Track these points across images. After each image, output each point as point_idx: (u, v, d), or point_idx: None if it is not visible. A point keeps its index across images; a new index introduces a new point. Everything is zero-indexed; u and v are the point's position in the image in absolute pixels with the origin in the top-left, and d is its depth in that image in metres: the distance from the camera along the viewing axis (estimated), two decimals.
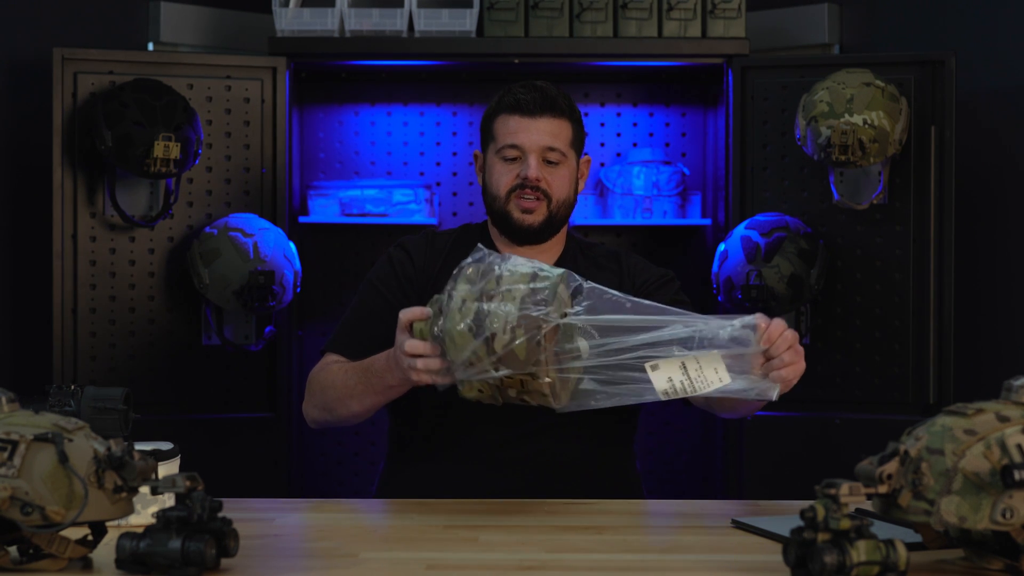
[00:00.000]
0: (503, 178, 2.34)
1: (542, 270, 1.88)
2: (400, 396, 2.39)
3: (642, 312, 1.90)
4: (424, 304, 2.04)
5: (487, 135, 2.40)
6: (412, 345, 1.92)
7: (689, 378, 1.86)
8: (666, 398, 1.87)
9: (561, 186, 2.35)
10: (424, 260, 2.38)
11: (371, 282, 2.39)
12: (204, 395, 3.56)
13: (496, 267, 1.87)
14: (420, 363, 1.91)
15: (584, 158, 2.44)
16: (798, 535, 1.46)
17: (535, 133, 2.33)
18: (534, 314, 1.82)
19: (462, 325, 1.83)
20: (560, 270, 1.88)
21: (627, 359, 1.87)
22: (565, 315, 1.84)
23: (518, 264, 1.89)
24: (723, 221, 3.65)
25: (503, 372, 1.83)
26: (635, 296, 2.36)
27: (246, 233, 3.43)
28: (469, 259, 1.92)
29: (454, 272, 1.90)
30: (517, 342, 1.80)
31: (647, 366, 1.86)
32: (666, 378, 1.86)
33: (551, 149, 2.33)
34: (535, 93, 2.34)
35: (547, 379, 1.83)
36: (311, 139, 3.98)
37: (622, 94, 4.01)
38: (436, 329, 1.87)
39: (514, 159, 2.33)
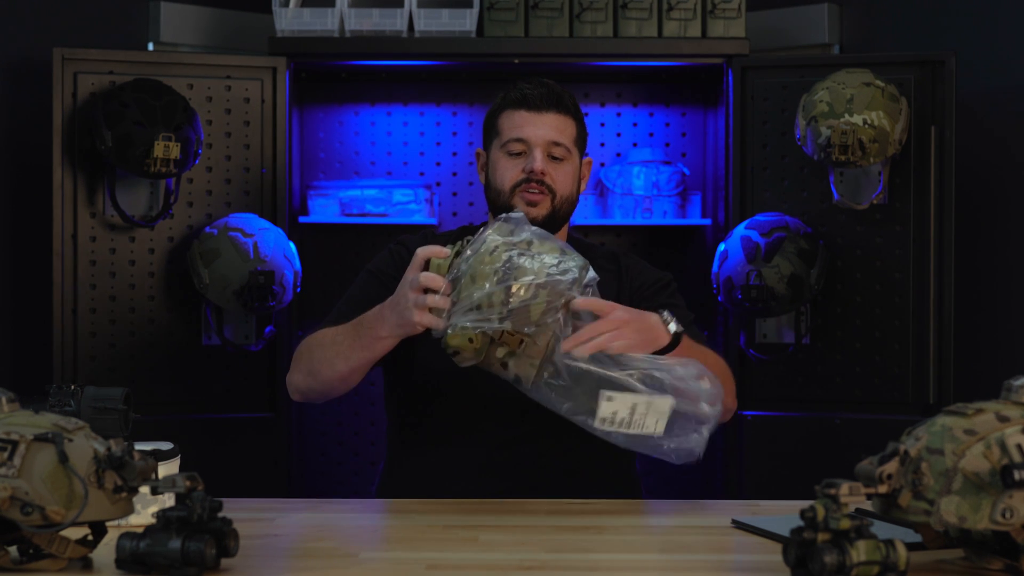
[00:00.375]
0: (508, 172, 2.34)
1: (569, 250, 1.93)
2: (395, 397, 2.40)
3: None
4: None
5: (491, 131, 2.40)
6: (429, 277, 1.92)
7: (630, 418, 1.89)
8: (600, 426, 1.90)
9: (565, 182, 2.36)
10: None
11: (370, 271, 2.39)
12: (204, 395, 3.56)
13: (528, 232, 1.91)
14: (430, 298, 1.91)
15: (586, 160, 2.45)
16: (798, 535, 1.46)
17: (541, 127, 2.33)
18: (560, 281, 1.85)
19: (489, 267, 1.85)
20: (583, 259, 1.92)
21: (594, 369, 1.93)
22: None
23: (548, 237, 1.93)
24: (723, 221, 3.65)
25: (506, 325, 1.85)
26: (631, 299, 2.38)
27: (246, 233, 3.43)
28: (503, 215, 1.95)
29: (485, 224, 1.93)
30: (536, 301, 1.83)
31: (604, 395, 1.89)
32: (612, 411, 1.90)
33: (556, 144, 2.34)
34: (542, 89, 2.35)
35: (546, 345, 1.87)
36: (311, 139, 3.98)
37: (622, 94, 4.01)
38: (459, 266, 1.89)
39: (519, 153, 2.34)
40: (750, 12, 3.71)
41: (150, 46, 3.83)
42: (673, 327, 2.06)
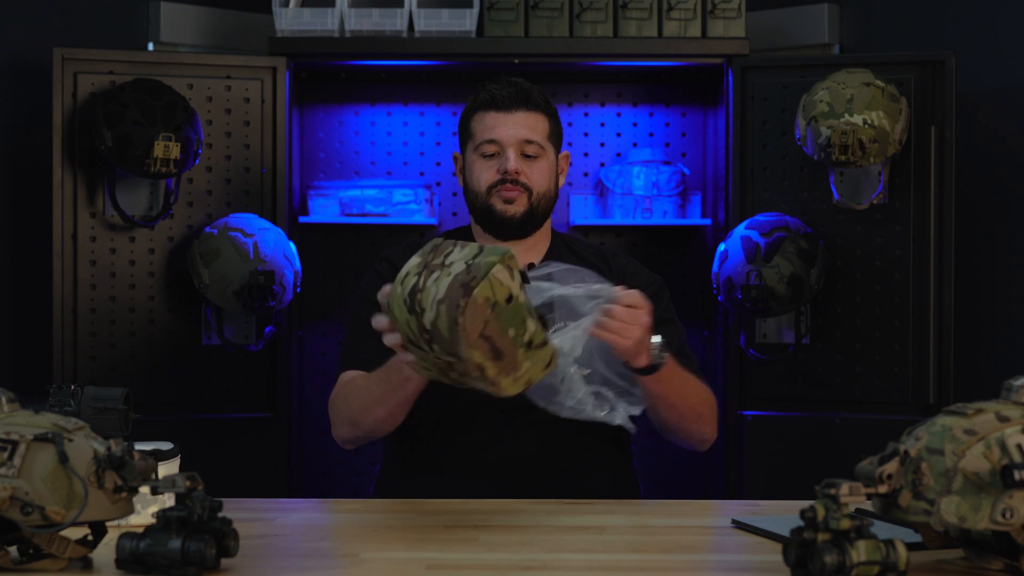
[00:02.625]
0: (483, 174, 2.36)
1: (489, 250, 1.74)
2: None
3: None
4: None
5: (465, 134, 2.42)
6: (377, 321, 1.87)
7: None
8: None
9: (541, 179, 2.37)
10: None
11: (363, 296, 2.39)
12: (204, 395, 3.56)
13: (452, 245, 1.77)
14: (386, 339, 1.87)
15: (563, 153, 2.45)
16: (798, 535, 1.46)
17: (512, 127, 2.35)
18: (457, 288, 1.69)
19: (400, 296, 1.75)
20: (504, 249, 1.73)
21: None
22: (509, 298, 1.70)
23: (472, 244, 1.77)
24: (723, 221, 3.65)
25: (436, 351, 1.73)
26: None
27: (246, 233, 3.43)
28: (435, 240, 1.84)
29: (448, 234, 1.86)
30: (440, 319, 1.69)
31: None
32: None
33: (528, 142, 2.35)
34: (510, 88, 2.37)
35: (473, 361, 1.71)
36: (311, 139, 3.98)
37: (622, 94, 4.00)
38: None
39: (493, 155, 2.35)
40: (750, 12, 3.71)
41: (150, 46, 3.83)
42: (656, 358, 2.06)
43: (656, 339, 2.05)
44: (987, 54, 3.68)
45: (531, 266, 2.39)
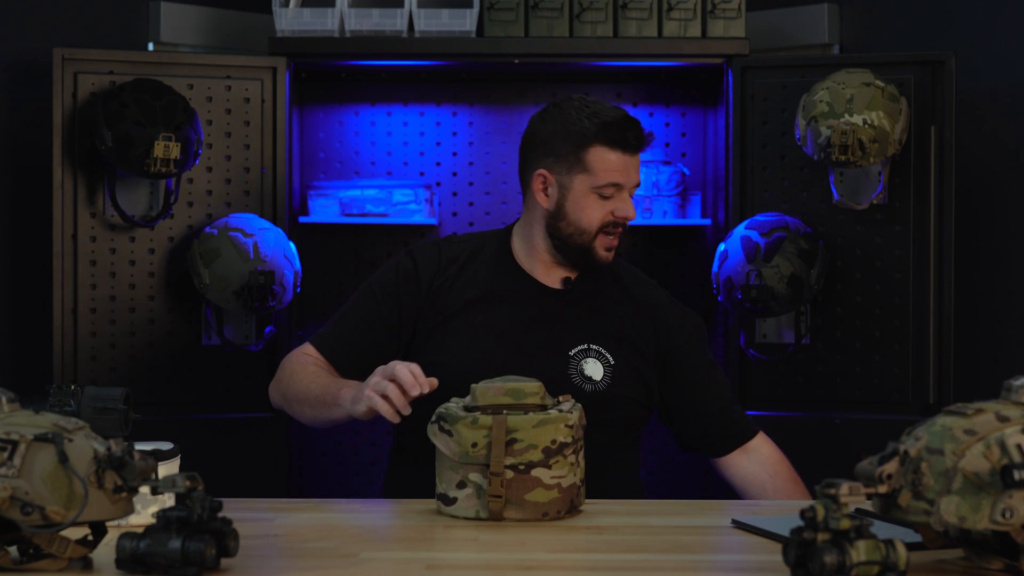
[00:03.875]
0: (597, 213, 2.34)
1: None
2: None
3: None
4: (419, 312, 2.08)
5: (574, 161, 2.34)
6: (410, 375, 2.04)
7: None
8: None
9: None
10: (433, 270, 2.37)
11: (371, 288, 2.40)
12: (204, 395, 3.56)
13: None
14: (395, 395, 2.05)
15: None
16: (798, 535, 1.46)
17: (633, 172, 2.36)
18: None
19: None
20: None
21: None
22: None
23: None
24: (723, 221, 3.65)
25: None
26: (658, 341, 2.41)
27: (246, 233, 3.43)
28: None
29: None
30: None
31: None
32: None
33: (636, 185, 2.36)
34: (635, 129, 2.34)
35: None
36: (311, 139, 3.98)
37: (622, 94, 4.00)
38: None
39: (610, 196, 2.33)
40: (750, 12, 3.71)
41: (150, 46, 3.83)
42: None
43: None
44: (987, 54, 3.68)
45: (568, 280, 2.40)
